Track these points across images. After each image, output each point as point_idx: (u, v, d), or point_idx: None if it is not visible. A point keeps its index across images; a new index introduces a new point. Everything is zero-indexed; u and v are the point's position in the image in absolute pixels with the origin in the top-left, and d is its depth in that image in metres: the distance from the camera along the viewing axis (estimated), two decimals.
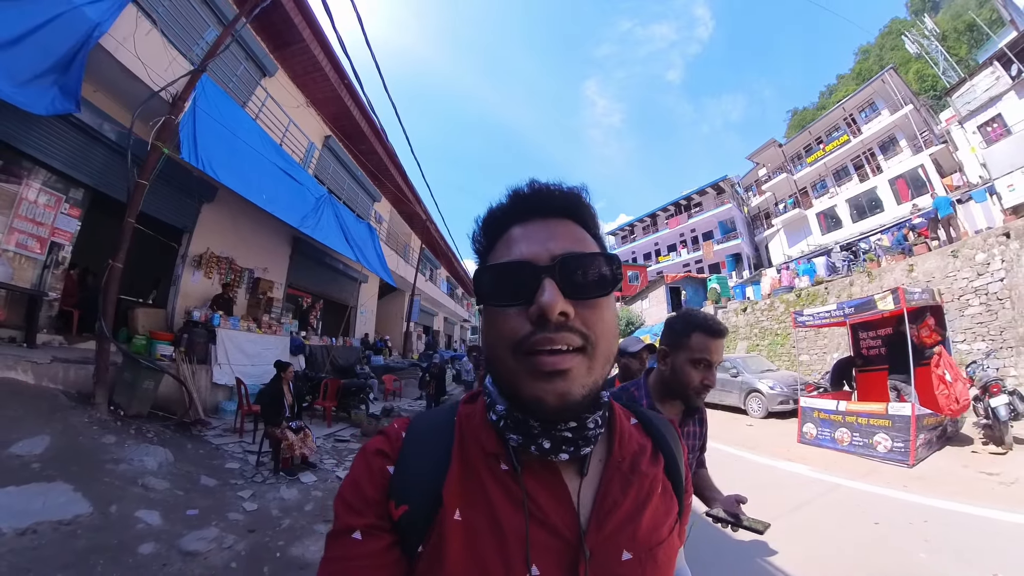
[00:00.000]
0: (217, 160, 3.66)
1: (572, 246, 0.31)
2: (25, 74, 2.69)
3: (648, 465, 0.36)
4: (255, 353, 4.71)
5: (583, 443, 0.31)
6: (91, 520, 1.89)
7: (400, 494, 0.30)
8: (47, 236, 3.63)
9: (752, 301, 10.21)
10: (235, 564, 1.79)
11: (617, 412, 0.37)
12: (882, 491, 2.72)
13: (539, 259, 0.29)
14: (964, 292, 6.24)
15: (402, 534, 0.30)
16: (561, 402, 0.27)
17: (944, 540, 1.95)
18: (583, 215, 0.34)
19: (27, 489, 1.95)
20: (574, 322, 0.28)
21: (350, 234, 5.90)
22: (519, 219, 0.33)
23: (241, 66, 5.26)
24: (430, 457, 0.32)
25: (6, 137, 3.18)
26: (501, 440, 0.32)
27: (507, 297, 0.29)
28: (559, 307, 0.27)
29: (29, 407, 2.65)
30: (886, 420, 3.52)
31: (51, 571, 1.54)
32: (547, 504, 0.30)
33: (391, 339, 9.65)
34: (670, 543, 0.34)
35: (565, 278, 0.29)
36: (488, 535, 0.29)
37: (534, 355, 0.27)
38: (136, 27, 3.37)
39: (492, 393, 0.33)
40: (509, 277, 0.30)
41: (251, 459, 3.13)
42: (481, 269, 0.32)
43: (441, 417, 0.36)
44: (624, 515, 0.32)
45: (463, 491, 0.30)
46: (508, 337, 0.28)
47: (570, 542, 0.30)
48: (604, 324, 0.29)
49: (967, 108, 11.17)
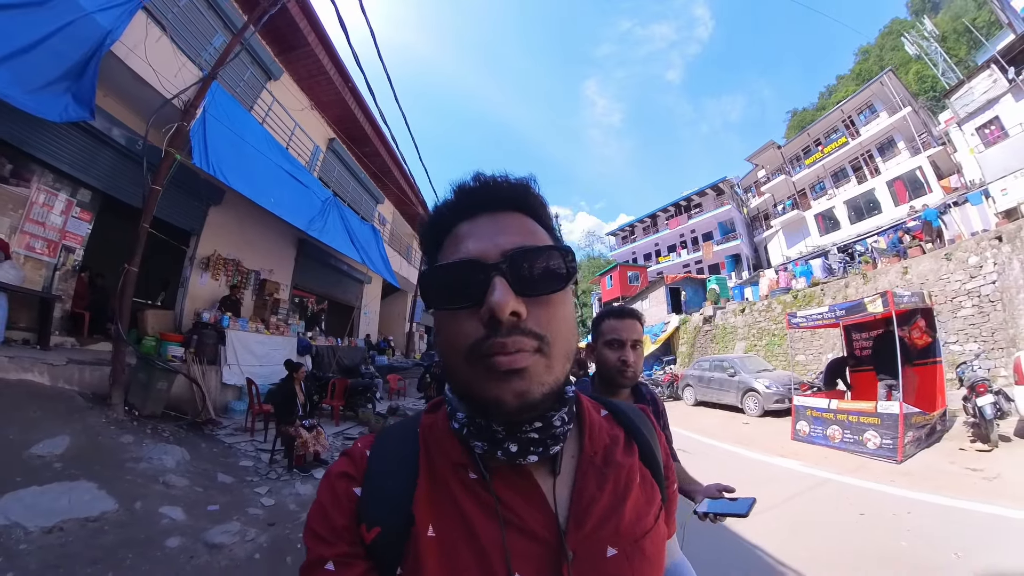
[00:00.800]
0: (227, 165, 3.74)
1: (523, 240, 0.29)
2: (38, 81, 2.73)
3: (623, 455, 0.34)
4: (263, 354, 4.80)
5: (551, 442, 0.30)
6: (117, 516, 1.98)
7: (370, 516, 0.29)
8: (58, 240, 3.70)
9: (750, 302, 10.32)
10: (258, 555, 1.89)
11: (585, 405, 0.36)
12: (869, 485, 2.84)
13: (488, 256, 0.28)
14: (957, 294, 6.36)
15: (377, 558, 0.28)
16: (520, 401, 0.26)
17: (924, 529, 2.07)
18: (533, 206, 0.32)
19: (51, 488, 2.02)
20: (527, 323, 0.27)
21: (355, 236, 5.98)
22: (466, 215, 0.31)
23: (248, 71, 5.32)
24: (397, 474, 0.31)
25: (17, 141, 3.24)
26: (466, 448, 0.30)
27: (456, 299, 0.27)
28: (510, 306, 0.25)
29: (47, 408, 2.73)
30: (875, 418, 3.65)
31: (81, 566, 1.60)
32: (522, 509, 0.29)
33: (394, 339, 9.75)
34: (656, 532, 0.33)
35: (516, 275, 0.27)
36: (465, 548, 0.28)
37: (490, 358, 0.26)
38: (147, 34, 3.43)
39: (452, 401, 0.32)
40: (457, 277, 0.28)
41: (264, 457, 3.22)
42: (427, 271, 0.29)
43: (405, 431, 0.34)
44: (603, 510, 0.31)
45: (433, 505, 0.29)
46: (461, 343, 0.27)
47: (551, 545, 0.29)
48: (559, 321, 0.28)
49: (965, 110, 11.26)
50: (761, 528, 2.10)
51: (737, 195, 19.90)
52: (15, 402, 2.60)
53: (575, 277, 0.30)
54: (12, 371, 2.82)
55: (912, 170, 12.74)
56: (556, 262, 0.29)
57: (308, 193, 5.10)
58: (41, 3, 2.77)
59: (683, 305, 13.88)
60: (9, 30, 2.57)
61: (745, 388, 6.32)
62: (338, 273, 7.80)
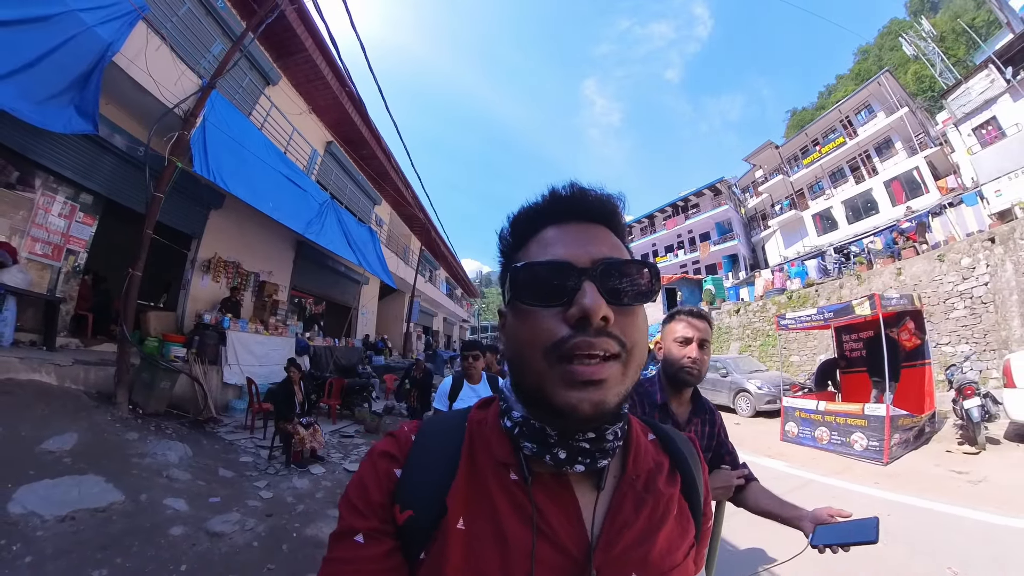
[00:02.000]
0: (227, 171, 3.83)
1: (611, 252, 0.30)
2: (43, 94, 2.81)
3: (665, 484, 0.34)
4: (263, 354, 4.90)
5: (600, 455, 0.29)
6: (124, 507, 2.08)
7: (406, 499, 0.29)
8: (62, 244, 3.81)
9: (745, 303, 10.40)
10: (256, 543, 1.99)
11: (634, 426, 0.36)
12: (853, 487, 2.88)
13: (580, 261, 0.28)
14: (950, 296, 6.39)
15: (405, 539, 0.29)
16: (596, 411, 0.26)
17: (904, 533, 2.07)
18: (617, 224, 0.33)
19: (62, 481, 2.13)
20: (613, 328, 0.27)
21: (352, 238, 6.07)
22: (555, 220, 0.31)
23: (247, 77, 5.40)
24: (438, 463, 0.31)
25: (22, 149, 3.33)
26: (514, 448, 0.30)
27: (544, 297, 0.28)
28: (602, 311, 0.26)
29: (55, 406, 2.84)
30: (862, 420, 3.70)
31: (92, 551, 1.72)
32: (556, 519, 0.29)
33: (391, 339, 9.85)
34: (684, 569, 0.32)
35: (605, 283, 0.28)
36: (491, 547, 0.28)
37: (569, 361, 0.26)
38: (147, 43, 3.51)
39: (508, 398, 0.32)
40: (547, 277, 0.28)
41: (263, 453, 3.32)
42: (517, 267, 0.30)
43: (453, 422, 0.35)
44: (636, 535, 0.30)
45: (468, 500, 0.29)
46: (543, 339, 0.27)
47: (577, 561, 0.28)
48: (639, 332, 0.29)
49: (962, 111, 11.26)
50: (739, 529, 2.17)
51: (735, 195, 19.90)
52: (25, 401, 2.71)
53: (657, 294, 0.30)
54: (22, 371, 2.93)
55: (909, 170, 12.74)
56: (644, 277, 0.29)
57: (306, 196, 5.19)
58: (45, 19, 2.86)
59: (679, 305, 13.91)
60: (15, 46, 2.66)
61: (737, 388, 6.38)
62: (336, 274, 7.89)
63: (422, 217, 9.99)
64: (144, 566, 1.70)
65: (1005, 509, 2.25)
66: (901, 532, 2.10)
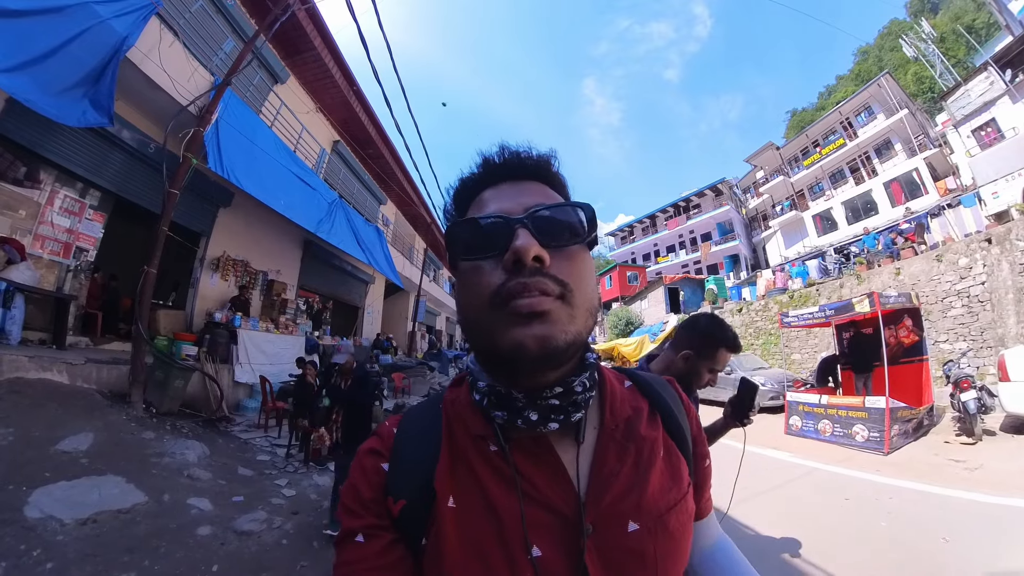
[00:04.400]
0: (240, 169, 3.83)
1: (545, 200, 0.30)
2: (57, 86, 2.79)
3: (646, 428, 0.34)
4: (274, 353, 4.91)
5: (572, 409, 0.29)
6: (148, 508, 2.08)
7: (397, 489, 0.30)
8: (72, 241, 3.78)
9: (747, 302, 10.48)
10: (286, 541, 2.02)
11: (607, 376, 0.36)
12: (855, 474, 2.99)
13: (512, 211, 0.29)
14: (947, 295, 6.51)
15: (404, 529, 0.29)
16: (542, 346, 0.26)
17: (903, 512, 2.21)
18: (553, 178, 0.33)
19: (80, 483, 2.10)
20: (549, 270, 0.27)
21: (360, 237, 6.08)
22: (490, 182, 0.32)
23: (257, 75, 5.38)
24: (422, 448, 0.31)
25: (30, 144, 3.30)
26: (487, 420, 0.30)
27: (481, 250, 0.28)
28: (533, 251, 0.26)
29: (68, 406, 2.83)
30: (863, 412, 3.81)
31: (117, 554, 1.70)
32: (540, 481, 0.29)
33: (396, 339, 9.86)
34: (682, 509, 0.32)
35: (539, 227, 0.28)
36: (483, 520, 0.28)
37: (511, 301, 0.26)
38: (160, 39, 3.48)
39: (474, 371, 0.32)
40: (482, 231, 0.28)
41: (279, 452, 3.35)
42: (453, 225, 0.30)
43: (430, 406, 0.35)
44: (624, 483, 0.30)
45: (454, 477, 0.30)
46: (485, 290, 0.27)
47: (569, 518, 0.28)
48: (581, 275, 0.29)
49: (962, 112, 11.37)
50: (751, 512, 2.24)
51: (736, 196, 20.00)
52: (36, 400, 2.69)
53: (595, 234, 0.30)
54: (32, 370, 2.91)
55: (909, 172, 12.86)
56: (576, 216, 0.29)
57: (315, 195, 5.19)
58: (59, 10, 2.84)
59: (681, 305, 14.00)
60: (29, 36, 2.64)
61: None
62: (343, 273, 7.89)
63: (427, 216, 9.97)
64: (174, 568, 1.68)
65: (998, 490, 2.37)
66: (899, 512, 2.22)
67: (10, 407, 2.45)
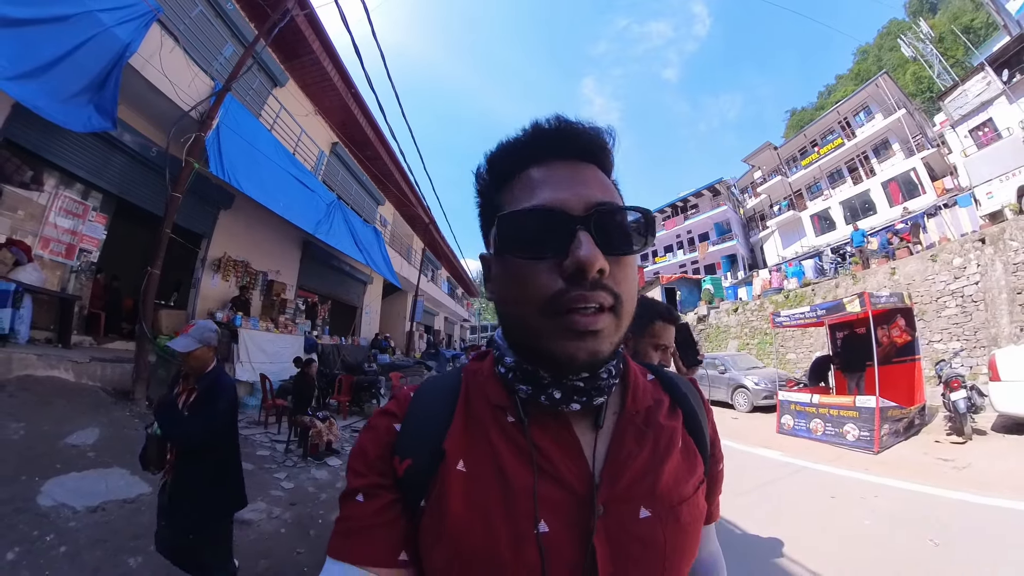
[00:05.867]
0: (241, 172, 3.91)
1: (604, 195, 0.28)
2: (63, 93, 2.88)
3: (666, 418, 0.33)
4: (274, 352, 4.99)
5: (596, 393, 0.29)
6: (152, 498, 2.16)
7: (404, 449, 0.30)
8: (75, 243, 3.87)
9: (743, 302, 10.53)
10: (284, 530, 2.10)
11: (632, 367, 0.35)
12: (844, 472, 3.03)
13: (571, 208, 0.27)
14: (942, 294, 6.55)
15: (406, 490, 0.29)
16: (591, 359, 0.26)
17: (888, 511, 2.24)
18: (607, 163, 0.31)
19: (88, 474, 2.22)
20: (607, 280, 0.26)
21: (359, 238, 6.17)
22: (538, 158, 0.29)
23: (256, 79, 5.47)
24: (435, 411, 0.31)
25: (36, 148, 3.39)
26: (509, 392, 0.30)
27: (535, 250, 0.26)
28: (599, 264, 0.25)
29: (74, 402, 2.92)
30: (854, 411, 3.86)
31: (125, 540, 1.81)
32: (556, 457, 0.29)
33: (393, 338, 9.95)
34: (695, 504, 0.31)
35: (600, 231, 0.26)
36: (493, 487, 0.28)
37: (567, 314, 0.25)
38: (161, 45, 3.56)
39: (501, 347, 0.32)
40: (537, 227, 0.26)
41: (279, 447, 3.42)
42: (504, 216, 0.28)
43: (450, 375, 0.35)
44: (640, 468, 0.30)
45: (467, 443, 0.29)
46: (538, 295, 0.26)
47: (581, 497, 0.28)
48: (631, 283, 0.28)
49: (959, 112, 11.40)
50: (737, 510, 2.30)
51: (733, 196, 20.03)
52: (45, 397, 2.79)
53: (652, 241, 0.29)
54: (40, 368, 3.00)
55: (907, 171, 12.88)
56: (639, 224, 0.28)
57: (314, 197, 5.27)
58: (65, 18, 2.92)
59: (678, 305, 14.04)
60: (36, 44, 2.73)
61: (735, 385, 6.53)
62: (341, 274, 7.98)
63: (425, 217, 10.06)
64: None
65: (985, 491, 2.39)
66: (887, 511, 2.25)
67: (21, 403, 2.54)
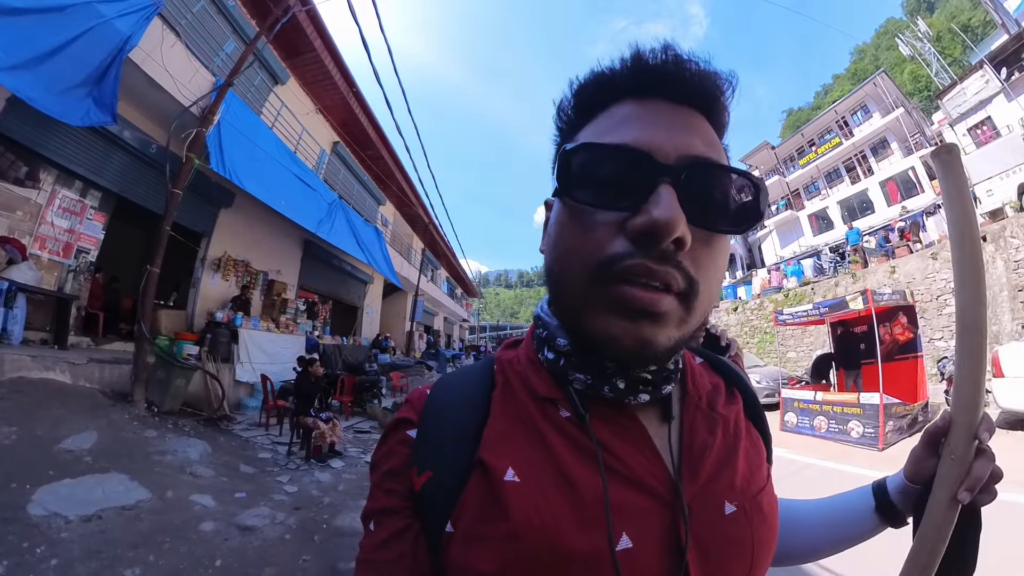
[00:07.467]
0: (242, 169, 3.86)
1: (706, 150, 0.22)
2: (60, 85, 2.80)
3: (726, 402, 0.30)
4: (274, 352, 4.94)
5: (663, 382, 0.25)
6: (151, 504, 2.11)
7: (423, 459, 0.25)
8: (73, 241, 3.80)
9: (743, 301, 10.59)
10: (288, 536, 2.05)
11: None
12: (850, 469, 3.06)
13: (661, 153, 0.21)
14: (943, 292, 6.59)
15: (425, 510, 0.24)
16: (640, 349, 0.21)
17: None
18: (719, 116, 0.25)
19: (84, 480, 2.13)
20: (683, 257, 0.20)
21: (360, 237, 6.13)
22: (636, 93, 0.23)
23: (258, 76, 5.41)
24: (460, 411, 0.26)
25: (31, 143, 3.30)
26: (559, 382, 0.26)
27: (602, 195, 0.21)
28: (678, 230, 0.19)
29: (71, 405, 2.86)
30: (858, 408, 3.86)
31: (122, 550, 1.71)
32: (627, 455, 0.24)
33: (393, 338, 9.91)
34: (771, 493, 0.28)
35: (692, 191, 0.21)
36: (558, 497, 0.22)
37: (619, 284, 0.20)
38: (162, 39, 3.50)
39: (549, 324, 0.27)
40: (610, 166, 0.21)
41: (280, 449, 3.38)
42: (574, 147, 0.22)
43: (476, 368, 0.30)
44: (717, 459, 0.26)
45: (514, 448, 0.24)
46: (590, 253, 0.21)
47: (663, 498, 0.23)
48: (716, 272, 0.23)
49: (957, 111, 11.45)
50: None
51: None
52: (39, 400, 2.72)
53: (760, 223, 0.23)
54: (35, 370, 2.94)
55: (905, 170, 12.95)
56: (745, 195, 0.22)
57: (315, 196, 5.22)
58: (61, 8, 2.85)
59: None
60: (32, 35, 2.65)
61: None
62: (342, 273, 7.93)
63: (425, 217, 10.02)
64: (178, 563, 1.71)
65: None
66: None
67: (13, 406, 2.47)
